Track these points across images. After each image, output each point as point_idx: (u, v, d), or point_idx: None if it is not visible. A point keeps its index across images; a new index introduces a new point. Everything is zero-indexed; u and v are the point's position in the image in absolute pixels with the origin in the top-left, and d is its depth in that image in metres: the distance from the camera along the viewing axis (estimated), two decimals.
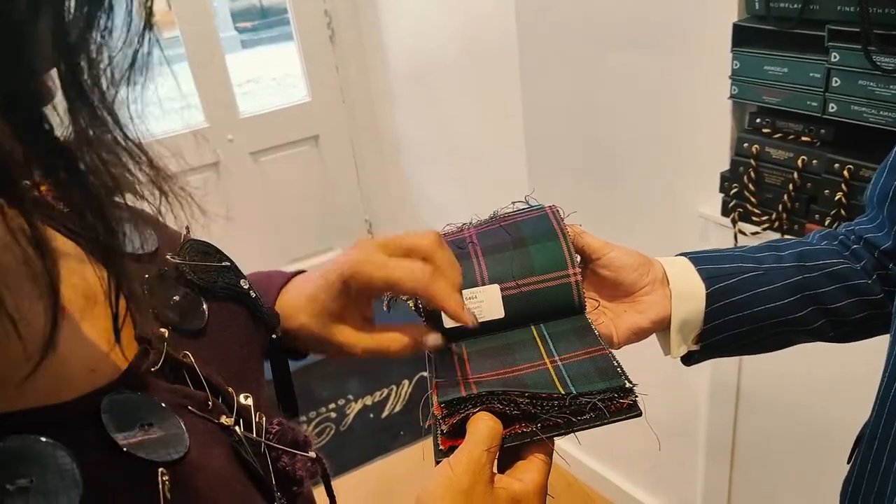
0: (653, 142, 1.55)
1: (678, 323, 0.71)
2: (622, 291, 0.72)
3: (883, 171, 0.72)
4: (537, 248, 0.68)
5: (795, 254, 0.75)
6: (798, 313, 0.72)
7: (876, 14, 1.09)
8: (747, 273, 0.72)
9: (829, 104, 1.21)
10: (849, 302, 0.73)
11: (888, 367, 0.64)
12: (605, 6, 1.52)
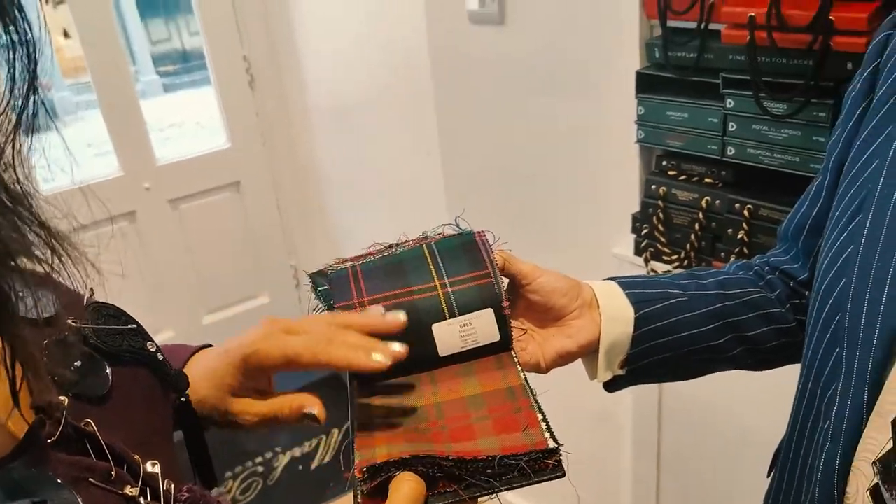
0: (568, 183, 1.59)
1: (606, 346, 0.72)
2: (552, 316, 0.73)
3: (800, 207, 0.75)
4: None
5: (716, 282, 0.77)
6: (717, 340, 0.74)
7: (764, 63, 1.15)
8: (672, 299, 0.74)
9: (728, 147, 1.27)
10: (764, 330, 0.76)
11: (798, 393, 0.67)
12: (517, 52, 1.56)
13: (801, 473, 0.65)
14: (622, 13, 1.34)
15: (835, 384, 0.57)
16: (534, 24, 1.51)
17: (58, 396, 0.45)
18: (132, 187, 2.62)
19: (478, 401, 0.62)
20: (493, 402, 0.61)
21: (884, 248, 0.55)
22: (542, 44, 1.51)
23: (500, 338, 0.65)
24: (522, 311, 0.74)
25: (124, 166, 2.61)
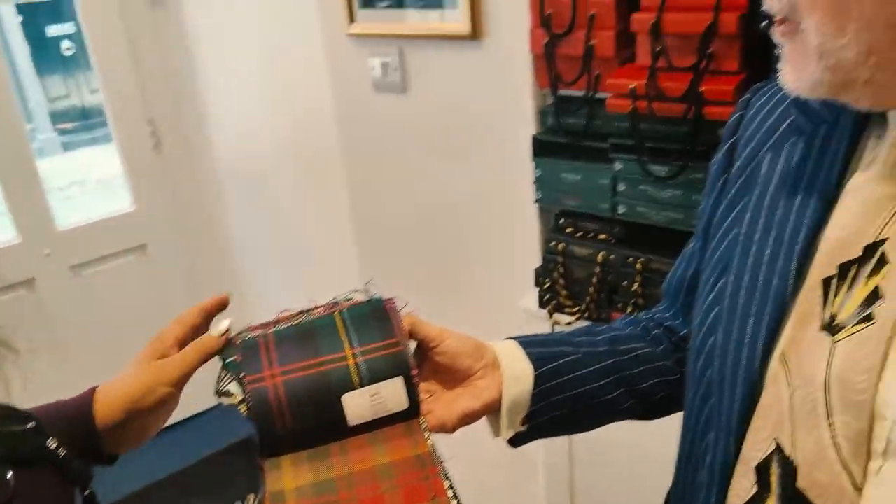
0: (475, 242, 1.65)
1: (508, 404, 0.75)
2: (458, 377, 0.76)
3: (678, 267, 0.82)
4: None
5: (607, 339, 0.83)
6: (610, 395, 0.79)
7: (646, 129, 1.25)
8: (568, 356, 0.79)
9: (618, 206, 1.36)
10: (653, 382, 0.81)
11: (680, 444, 0.72)
12: (420, 119, 1.63)
13: None
14: (517, 83, 1.43)
15: (708, 435, 0.63)
16: (434, 92, 1.58)
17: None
18: (31, 254, 2.53)
19: (388, 470, 0.64)
20: (402, 471, 0.64)
21: (743, 310, 0.62)
22: (443, 111, 1.58)
23: (410, 405, 0.68)
24: (430, 374, 0.77)
25: (22, 231, 2.52)
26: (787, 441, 0.56)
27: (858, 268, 0.54)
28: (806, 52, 0.52)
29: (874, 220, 0.54)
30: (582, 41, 1.27)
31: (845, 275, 0.55)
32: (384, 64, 1.61)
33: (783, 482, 0.57)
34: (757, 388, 0.59)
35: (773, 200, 0.63)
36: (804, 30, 0.52)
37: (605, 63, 1.27)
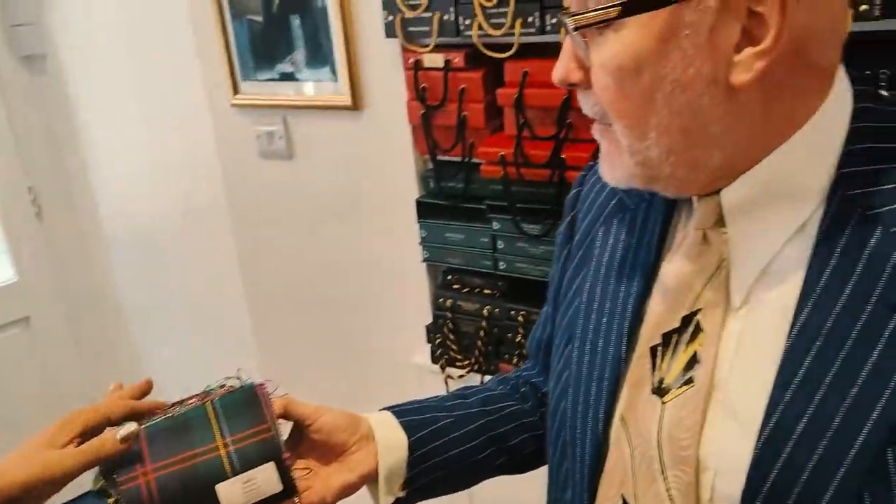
0: (366, 302, 1.70)
1: (385, 474, 0.79)
2: (334, 452, 0.79)
3: (537, 329, 0.89)
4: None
5: (479, 400, 0.88)
6: (483, 454, 0.85)
7: (517, 192, 1.34)
8: (441, 422, 0.84)
9: (499, 262, 1.44)
10: (522, 437, 0.87)
11: (547, 496, 0.78)
12: (308, 185, 1.68)
13: None
14: (398, 150, 1.50)
15: (566, 493, 0.70)
16: (320, 160, 1.64)
17: None
18: None
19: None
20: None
21: (587, 376, 0.69)
22: (329, 177, 1.63)
23: (284, 487, 0.71)
24: (307, 451, 0.80)
25: None
26: (630, 496, 0.63)
27: (679, 336, 0.62)
28: (619, 149, 0.60)
29: (689, 293, 0.62)
30: (455, 112, 1.36)
31: (668, 343, 0.63)
32: (269, 132, 1.65)
33: None
34: (603, 450, 0.66)
35: (606, 273, 0.71)
36: (615, 131, 0.60)
37: (477, 132, 1.37)
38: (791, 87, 0.55)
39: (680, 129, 0.56)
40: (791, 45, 0.51)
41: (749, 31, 0.51)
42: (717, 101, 0.54)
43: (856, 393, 0.52)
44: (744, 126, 0.55)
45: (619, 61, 0.54)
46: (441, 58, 1.34)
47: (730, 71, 0.52)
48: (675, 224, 0.67)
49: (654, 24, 0.52)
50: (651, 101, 0.55)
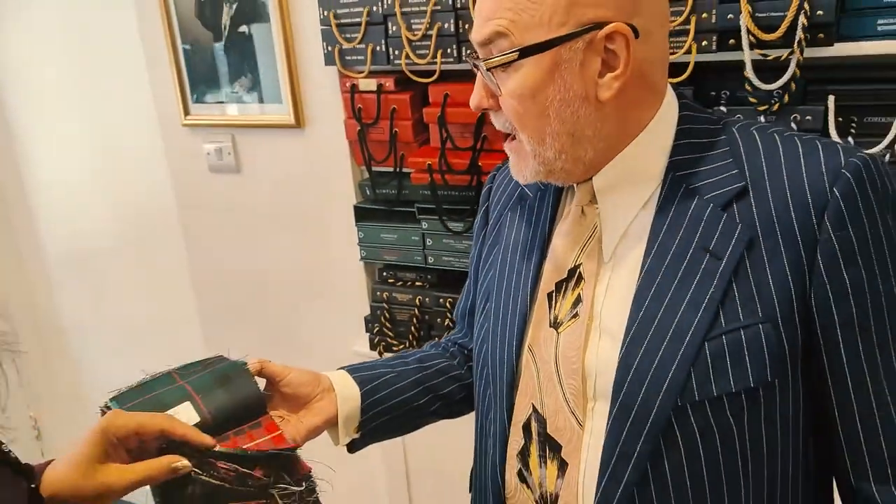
0: (310, 299, 1.89)
1: (343, 418, 0.99)
2: (300, 402, 0.98)
3: (461, 299, 1.12)
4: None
5: (416, 359, 1.10)
6: (421, 401, 1.06)
7: (443, 195, 1.58)
8: (385, 376, 1.04)
9: (429, 257, 1.67)
10: (453, 387, 1.09)
11: (476, 427, 1.00)
12: (254, 195, 1.86)
13: (481, 476, 0.98)
14: (337, 162, 1.71)
15: (490, 414, 0.92)
16: (265, 172, 1.83)
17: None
18: None
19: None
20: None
21: (501, 324, 0.92)
22: (274, 188, 1.83)
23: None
24: (279, 403, 0.99)
25: None
26: (539, 403, 0.86)
27: (566, 284, 0.86)
28: (524, 154, 0.84)
29: (572, 253, 0.87)
30: (387, 129, 1.58)
31: (560, 289, 0.87)
32: (218, 149, 1.83)
33: (539, 431, 0.86)
34: (516, 374, 0.89)
35: (514, 247, 0.94)
36: (521, 140, 0.83)
37: (407, 146, 1.59)
38: (637, 100, 0.80)
39: (567, 134, 0.80)
40: (636, 71, 0.76)
41: (607, 62, 0.76)
42: (590, 112, 0.78)
43: (682, 310, 0.77)
44: (607, 129, 0.80)
45: (521, 90, 0.77)
46: (374, 82, 1.56)
47: (597, 91, 0.77)
48: (564, 203, 0.91)
49: (542, 62, 0.76)
50: (545, 115, 0.79)
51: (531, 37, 0.74)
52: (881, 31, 1.18)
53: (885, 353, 0.75)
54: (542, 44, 0.74)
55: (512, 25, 0.75)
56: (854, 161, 0.73)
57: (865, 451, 0.77)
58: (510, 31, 0.75)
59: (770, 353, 0.74)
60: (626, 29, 0.73)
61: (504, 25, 0.75)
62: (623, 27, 0.73)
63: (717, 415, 0.75)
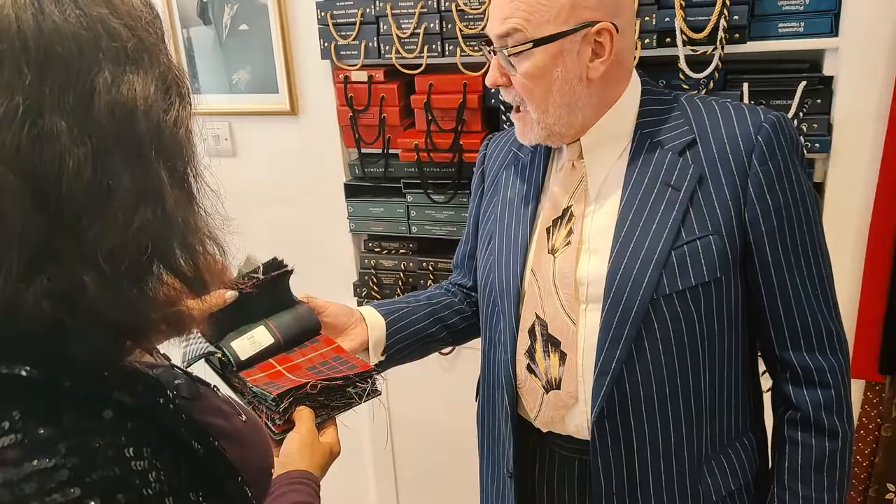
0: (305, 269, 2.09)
1: (373, 343, 1.23)
2: (339, 330, 1.21)
3: (461, 246, 1.38)
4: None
5: (426, 296, 1.35)
6: (432, 329, 1.31)
7: (428, 171, 1.83)
8: (403, 310, 1.29)
9: (412, 227, 1.92)
10: (456, 318, 1.34)
11: (483, 342, 1.26)
12: (251, 176, 2.06)
13: (493, 379, 1.24)
14: (329, 145, 1.94)
15: (499, 326, 1.18)
16: (260, 155, 2.04)
17: None
18: None
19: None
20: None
21: (506, 255, 1.17)
22: (271, 171, 2.04)
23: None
24: (322, 330, 1.23)
25: None
26: (540, 312, 1.13)
27: (561, 220, 1.13)
28: (530, 121, 1.10)
29: (565, 196, 1.14)
30: (377, 115, 1.82)
31: (556, 224, 1.14)
32: (216, 135, 2.03)
33: (542, 333, 1.13)
34: (521, 291, 1.16)
35: (512, 197, 1.21)
36: (528, 111, 1.10)
37: (394, 129, 1.84)
38: (614, 79, 1.07)
39: (564, 105, 1.06)
40: (615, 57, 1.04)
41: (595, 51, 1.03)
42: (582, 88, 1.05)
43: (653, 230, 1.04)
44: (593, 101, 1.07)
45: (533, 71, 1.03)
46: (365, 74, 1.80)
47: (588, 72, 1.03)
48: (554, 159, 1.19)
49: (550, 50, 1.02)
50: (550, 91, 1.05)
51: (542, 31, 1.01)
52: (782, 33, 1.51)
53: (797, 254, 1.04)
54: (551, 36, 1.01)
55: (526, 23, 1.01)
56: (770, 117, 1.03)
57: (785, 327, 1.07)
58: (524, 27, 1.01)
59: (718, 256, 1.03)
60: (611, 27, 1.01)
61: (520, 23, 1.02)
62: (609, 25, 1.01)
63: (681, 304, 1.04)
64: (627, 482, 1.09)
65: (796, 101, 1.50)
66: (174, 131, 0.57)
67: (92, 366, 0.53)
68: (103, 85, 0.52)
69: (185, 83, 0.62)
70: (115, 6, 0.55)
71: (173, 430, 0.57)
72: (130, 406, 0.54)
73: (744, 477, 1.13)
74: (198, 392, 0.69)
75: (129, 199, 0.52)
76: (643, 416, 1.06)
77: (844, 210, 1.56)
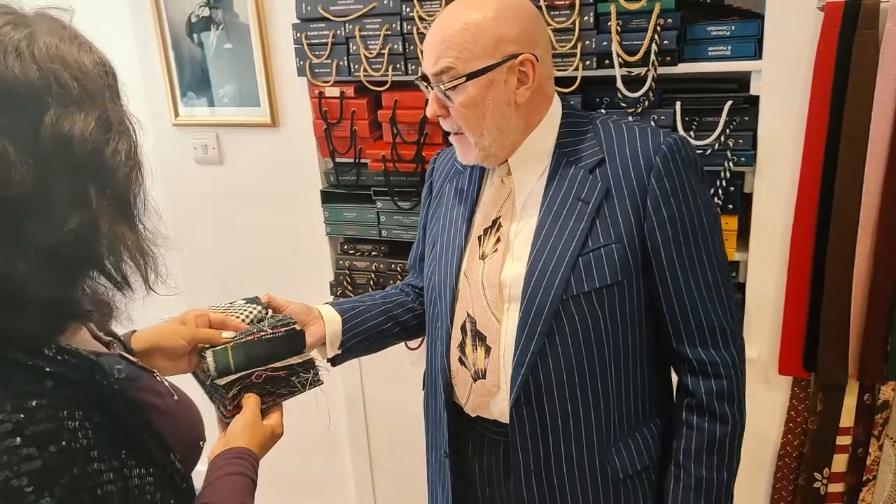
0: (283, 269, 2.26)
1: (329, 338, 1.36)
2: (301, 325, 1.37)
3: (412, 251, 1.52)
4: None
5: (381, 295, 1.49)
6: (385, 326, 1.44)
7: (395, 180, 1.98)
8: (358, 308, 1.43)
9: (383, 231, 2.07)
10: (408, 316, 1.48)
11: (427, 337, 1.41)
12: (236, 183, 2.22)
13: (432, 369, 1.38)
14: (306, 155, 2.10)
15: (438, 323, 1.32)
16: (244, 163, 2.20)
17: None
18: None
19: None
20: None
21: (444, 260, 1.31)
22: (254, 177, 2.20)
23: None
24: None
25: None
26: (471, 311, 1.26)
27: (491, 229, 1.27)
28: (468, 144, 1.23)
29: (494, 208, 1.27)
30: (348, 127, 1.98)
31: (486, 233, 1.28)
32: (203, 145, 2.19)
33: (471, 329, 1.27)
34: (455, 291, 1.30)
35: (453, 208, 1.35)
36: (466, 135, 1.23)
37: (364, 140, 1.99)
38: (538, 104, 1.21)
39: (497, 129, 1.19)
40: (538, 84, 1.17)
41: (520, 79, 1.16)
42: (511, 112, 1.18)
43: (564, 238, 1.17)
44: (521, 123, 1.19)
45: (467, 102, 1.16)
46: (338, 90, 1.96)
47: (515, 97, 1.17)
48: (485, 180, 1.33)
49: (481, 82, 1.15)
50: (483, 117, 1.18)
51: (472, 66, 1.14)
52: (712, 55, 1.64)
53: (691, 260, 1.17)
54: (480, 70, 1.14)
55: (457, 61, 1.15)
56: (668, 139, 1.16)
57: (682, 325, 1.20)
58: (456, 64, 1.15)
59: (620, 262, 1.16)
60: (532, 57, 1.15)
61: (452, 62, 1.15)
62: (530, 56, 1.15)
63: (587, 304, 1.17)
64: (543, 459, 1.22)
65: (723, 118, 1.64)
66: (110, 160, 0.72)
67: (35, 343, 0.69)
68: (49, 120, 0.67)
69: (127, 123, 0.77)
70: (68, 63, 0.70)
71: (106, 401, 0.73)
72: (70, 378, 0.70)
73: (649, 458, 1.27)
74: (138, 375, 0.85)
75: (62, 207, 0.67)
76: (556, 402, 1.20)
77: (770, 218, 1.69)
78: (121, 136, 0.74)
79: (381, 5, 1.83)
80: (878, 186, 1.55)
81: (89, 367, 0.74)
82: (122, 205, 0.74)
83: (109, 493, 0.70)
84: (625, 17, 1.64)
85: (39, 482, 0.65)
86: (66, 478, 0.66)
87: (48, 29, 0.72)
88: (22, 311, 0.67)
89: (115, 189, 0.73)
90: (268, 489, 1.25)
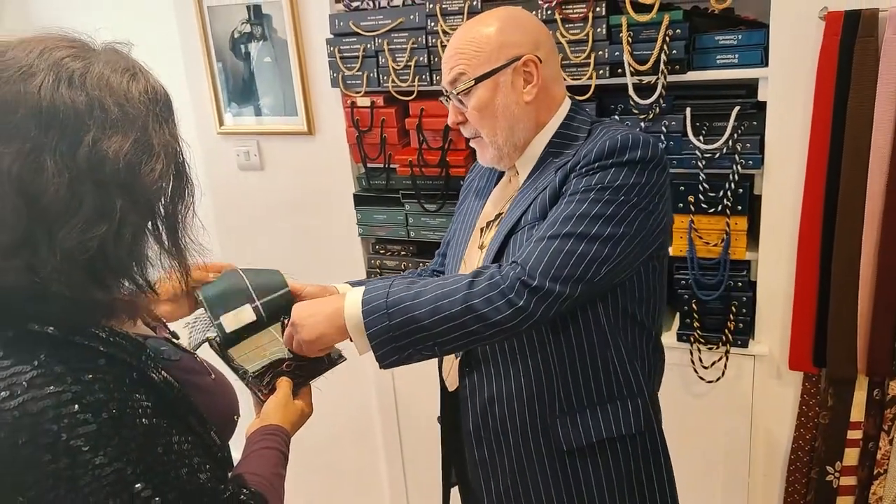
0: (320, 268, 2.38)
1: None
2: None
3: (441, 246, 1.64)
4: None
5: (403, 276, 1.62)
6: None
7: (421, 184, 2.10)
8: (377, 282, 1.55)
9: (411, 232, 2.19)
10: None
11: None
12: (276, 188, 2.37)
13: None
14: (340, 160, 2.23)
15: None
16: (283, 169, 2.35)
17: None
18: None
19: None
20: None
21: (455, 248, 1.44)
22: (292, 182, 2.35)
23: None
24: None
25: None
26: None
27: (491, 223, 1.38)
28: (485, 144, 1.34)
29: (500, 203, 1.38)
30: (378, 135, 2.11)
31: (488, 226, 1.39)
32: (246, 152, 2.35)
33: None
34: (461, 268, 1.41)
35: (471, 202, 1.47)
36: (482, 137, 1.34)
37: (393, 147, 2.12)
38: (544, 105, 1.30)
39: (508, 127, 1.29)
40: (543, 84, 1.28)
41: (526, 79, 1.27)
42: (521, 110, 1.28)
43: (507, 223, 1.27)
44: (530, 122, 1.30)
45: (479, 104, 1.27)
46: (368, 100, 2.09)
47: (523, 97, 1.28)
48: (500, 180, 1.44)
49: (489, 84, 1.26)
50: (496, 118, 1.28)
51: (480, 70, 1.25)
52: (720, 63, 1.72)
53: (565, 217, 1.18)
54: (487, 73, 1.25)
55: (467, 66, 1.27)
56: (616, 136, 1.19)
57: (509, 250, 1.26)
58: (467, 70, 1.27)
59: None
60: (534, 57, 1.26)
61: (463, 68, 1.27)
62: (532, 56, 1.26)
63: None
64: (485, 425, 1.34)
65: (731, 123, 1.71)
66: (144, 178, 0.81)
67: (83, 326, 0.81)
68: (87, 140, 0.77)
69: (172, 146, 0.86)
70: (114, 90, 0.81)
71: (151, 378, 0.86)
72: (120, 358, 0.83)
73: (598, 435, 1.28)
74: (180, 355, 0.98)
75: (89, 217, 0.77)
76: (500, 373, 1.30)
77: (778, 219, 1.76)
78: (160, 157, 0.82)
79: (408, 21, 1.95)
80: (881, 186, 1.60)
81: (137, 349, 0.86)
82: (151, 218, 0.84)
83: (155, 451, 0.82)
84: (635, 29, 1.73)
85: (95, 443, 0.77)
86: (116, 439, 0.79)
87: (106, 60, 0.82)
88: (51, 304, 0.78)
89: (145, 204, 0.82)
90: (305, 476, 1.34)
